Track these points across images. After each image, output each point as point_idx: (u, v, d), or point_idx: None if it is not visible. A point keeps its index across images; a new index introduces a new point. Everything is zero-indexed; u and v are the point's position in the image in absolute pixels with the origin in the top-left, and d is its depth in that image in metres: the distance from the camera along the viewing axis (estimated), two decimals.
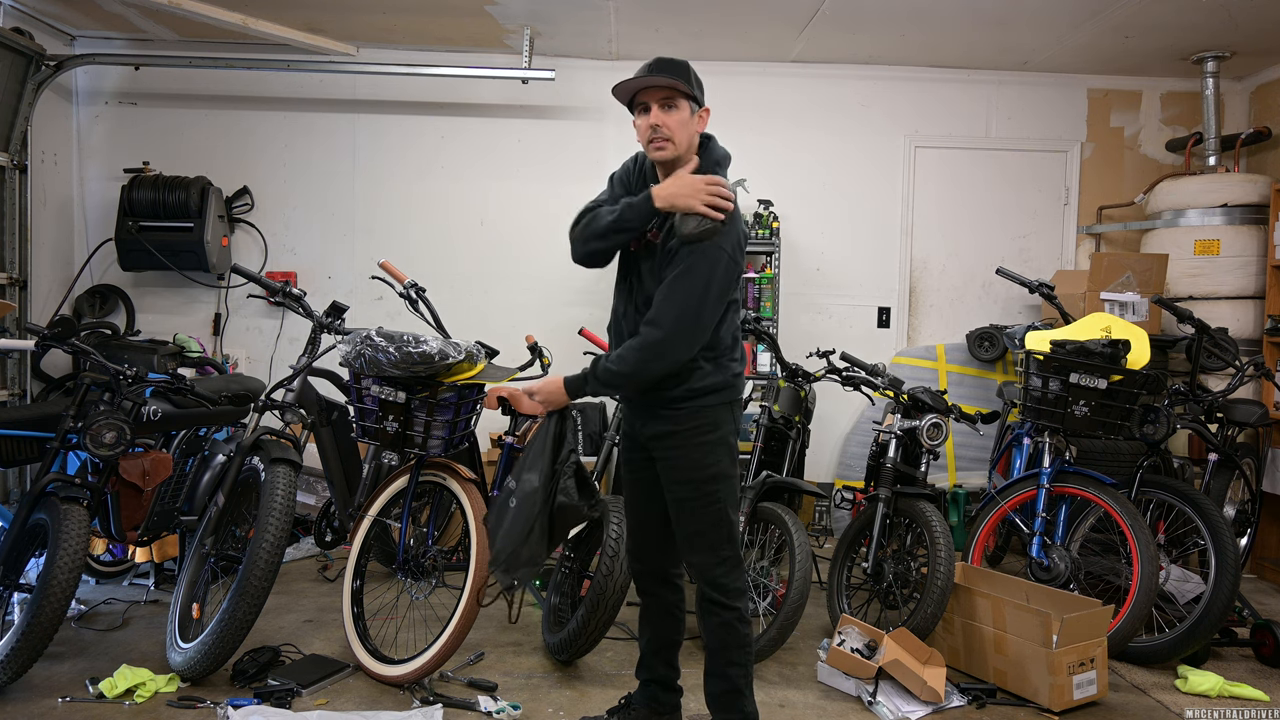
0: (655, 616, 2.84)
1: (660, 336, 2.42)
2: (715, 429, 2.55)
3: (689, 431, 2.54)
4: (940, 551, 3.43)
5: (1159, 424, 3.82)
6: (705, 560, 2.58)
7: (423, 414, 3.31)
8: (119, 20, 5.21)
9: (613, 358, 2.49)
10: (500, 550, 2.53)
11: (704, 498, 2.55)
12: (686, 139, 2.48)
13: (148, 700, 3.03)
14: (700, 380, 2.52)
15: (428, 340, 3.22)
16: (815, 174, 5.76)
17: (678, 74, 2.45)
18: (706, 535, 2.57)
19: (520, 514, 2.52)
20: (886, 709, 3.08)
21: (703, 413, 2.54)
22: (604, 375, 2.49)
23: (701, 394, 2.53)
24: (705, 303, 2.42)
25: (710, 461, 2.54)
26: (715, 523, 2.56)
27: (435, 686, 3.19)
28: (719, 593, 2.58)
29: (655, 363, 2.44)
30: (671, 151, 2.47)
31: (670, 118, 2.44)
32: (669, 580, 2.82)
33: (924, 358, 5.67)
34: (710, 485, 2.55)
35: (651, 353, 2.43)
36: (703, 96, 2.54)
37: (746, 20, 4.99)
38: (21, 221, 4.95)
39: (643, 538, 2.80)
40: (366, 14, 5.04)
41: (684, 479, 2.56)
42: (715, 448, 2.55)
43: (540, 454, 2.57)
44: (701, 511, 2.56)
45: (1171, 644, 3.50)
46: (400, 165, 5.70)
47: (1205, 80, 5.32)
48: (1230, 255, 5.05)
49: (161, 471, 3.49)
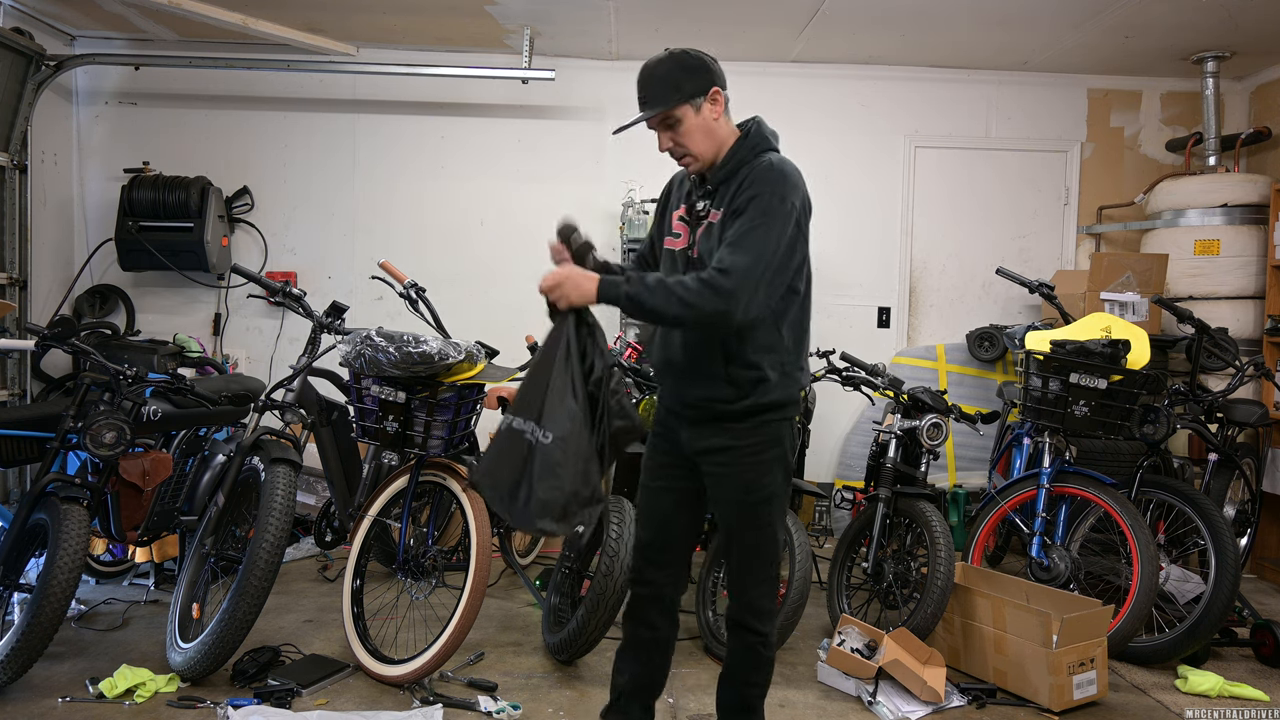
0: (645, 652, 2.55)
1: (729, 284, 2.14)
2: (776, 445, 2.36)
3: (749, 448, 2.34)
4: (940, 551, 3.43)
5: (1159, 424, 3.82)
6: (748, 582, 2.42)
7: (423, 414, 3.31)
8: (119, 20, 5.21)
9: (653, 283, 2.19)
10: (548, 501, 2.16)
11: (755, 519, 2.37)
12: (706, 140, 2.32)
13: (148, 700, 3.03)
14: (766, 394, 2.31)
15: (428, 340, 3.22)
16: (815, 174, 5.64)
17: (662, 93, 2.28)
18: (753, 557, 2.40)
19: (570, 455, 2.17)
20: (886, 709, 3.08)
21: (765, 428, 2.34)
22: (640, 298, 2.18)
23: (767, 410, 2.33)
24: (775, 260, 2.19)
25: (767, 481, 2.36)
26: (760, 545, 2.39)
27: (435, 686, 3.19)
28: (752, 615, 2.43)
29: (711, 307, 2.14)
30: (698, 164, 2.35)
31: (678, 135, 2.32)
32: (670, 612, 2.57)
33: (924, 358, 5.67)
34: (764, 506, 2.37)
35: (713, 295, 2.14)
36: (704, 79, 2.30)
37: (746, 20, 4.99)
38: (21, 221, 4.95)
39: (657, 557, 2.52)
40: (366, 14, 5.04)
41: (737, 498, 2.37)
42: (774, 466, 2.36)
43: (564, 375, 2.21)
44: (749, 534, 2.39)
45: (1171, 644, 3.50)
46: (400, 165, 5.70)
47: (1205, 80, 5.32)
48: (1230, 255, 5.05)
49: (161, 471, 3.49)
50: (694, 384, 2.37)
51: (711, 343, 2.31)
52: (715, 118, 2.33)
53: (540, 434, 2.19)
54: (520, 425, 2.22)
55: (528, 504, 2.18)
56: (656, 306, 2.17)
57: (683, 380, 2.39)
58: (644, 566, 2.54)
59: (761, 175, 2.27)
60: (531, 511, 2.18)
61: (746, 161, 2.32)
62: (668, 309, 2.17)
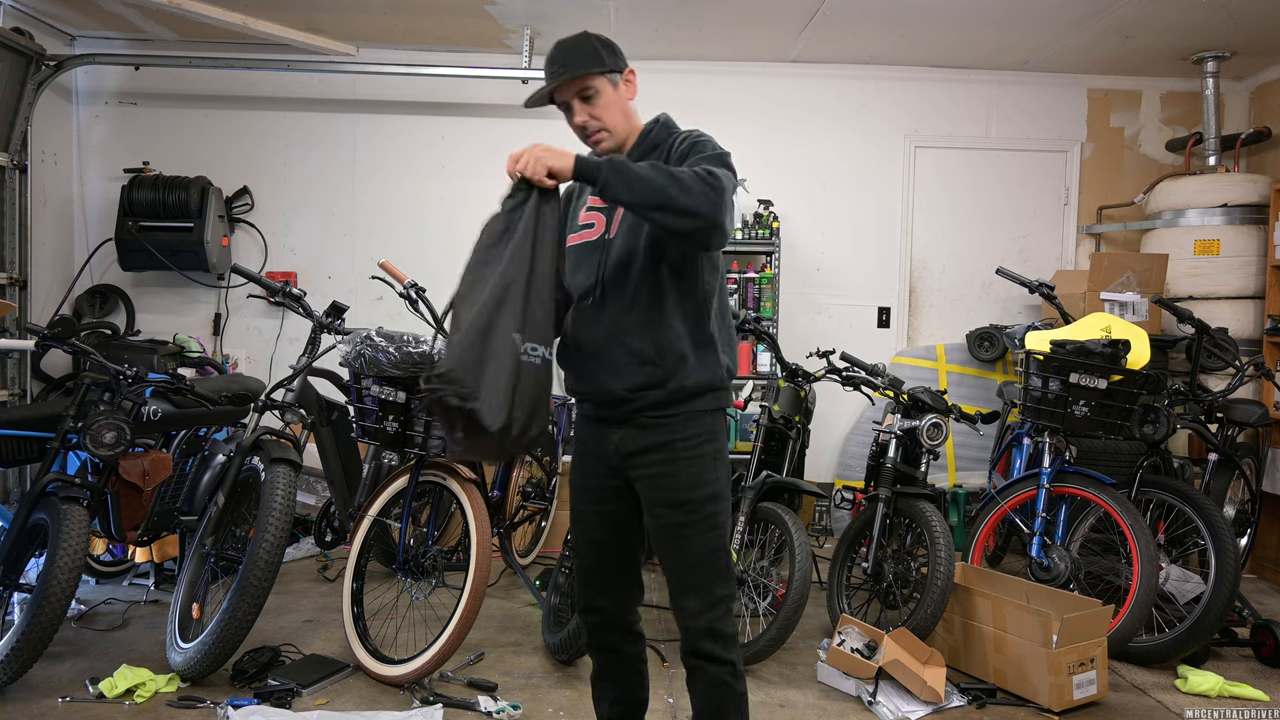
0: (619, 675, 2.35)
1: (720, 185, 1.92)
2: (713, 439, 2.18)
3: (685, 442, 2.13)
4: (940, 551, 3.43)
5: (1159, 424, 3.82)
6: (698, 603, 2.13)
7: (423, 414, 3.31)
8: (119, 20, 5.21)
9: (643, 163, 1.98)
10: (542, 430, 1.99)
11: (702, 522, 2.14)
12: (620, 117, 2.18)
13: (148, 700, 3.03)
14: (687, 376, 2.11)
15: (428, 340, 3.22)
16: (815, 174, 5.76)
17: (582, 58, 2.15)
18: (702, 569, 2.14)
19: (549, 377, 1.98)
20: (886, 709, 3.08)
21: (698, 419, 2.15)
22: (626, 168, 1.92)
23: (692, 395, 2.13)
24: (732, 181, 1.98)
25: (709, 478, 2.15)
26: (712, 552, 2.15)
27: (435, 686, 3.19)
28: (714, 642, 2.12)
29: (707, 207, 1.89)
30: (611, 139, 2.18)
31: (594, 108, 2.15)
32: (631, 630, 2.35)
33: (924, 358, 5.67)
34: (710, 506, 2.14)
35: (711, 193, 1.90)
36: (620, 58, 2.21)
37: (746, 20, 4.99)
38: (21, 221, 4.95)
39: (602, 582, 2.30)
40: (366, 14, 5.04)
41: (680, 500, 2.13)
42: (714, 462, 2.17)
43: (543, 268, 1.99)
44: (699, 538, 2.14)
45: (1171, 644, 3.50)
46: (400, 165, 5.70)
47: (1205, 80, 5.32)
48: (1230, 255, 5.05)
49: (161, 471, 3.49)
50: (617, 365, 2.13)
51: (633, 315, 2.11)
52: (630, 98, 2.22)
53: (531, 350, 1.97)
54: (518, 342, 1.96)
55: (524, 434, 1.96)
56: (650, 178, 1.90)
57: (603, 364, 2.15)
58: (591, 595, 2.32)
59: (691, 134, 2.15)
60: (527, 440, 1.99)
61: (662, 140, 2.19)
62: (666, 186, 1.89)
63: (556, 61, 2.16)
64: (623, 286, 2.14)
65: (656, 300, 2.12)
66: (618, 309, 2.14)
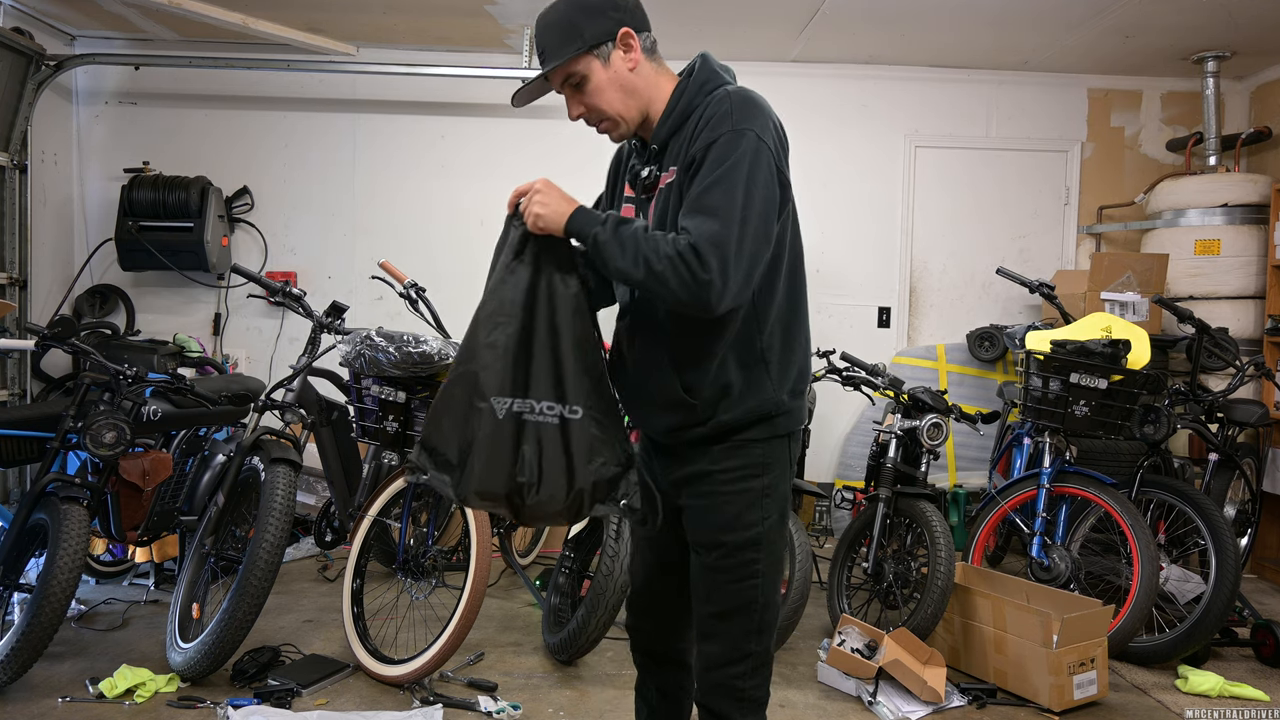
0: (655, 699, 2.15)
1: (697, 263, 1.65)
2: (763, 472, 1.84)
3: (726, 475, 1.83)
4: (940, 551, 3.43)
5: (1159, 424, 3.82)
6: (721, 652, 1.85)
7: (423, 414, 3.31)
8: (119, 20, 5.21)
9: (627, 235, 1.70)
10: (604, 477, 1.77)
11: (736, 569, 1.84)
12: (623, 98, 1.84)
13: (148, 700, 3.03)
14: (729, 409, 1.80)
15: (428, 340, 3.22)
16: (815, 174, 5.76)
17: (559, 40, 1.81)
18: (731, 620, 1.85)
19: (610, 419, 1.79)
20: (886, 709, 3.08)
21: (745, 450, 1.83)
22: (606, 250, 1.70)
23: (733, 430, 1.82)
24: (751, 217, 1.68)
25: (751, 519, 1.83)
26: (746, 605, 1.84)
27: (435, 686, 3.19)
28: (731, 703, 1.84)
29: (679, 288, 1.66)
30: (624, 128, 1.87)
31: (586, 96, 1.84)
32: (679, 660, 2.12)
33: (924, 358, 5.67)
34: (747, 552, 1.83)
35: (685, 273, 1.64)
36: (609, 19, 1.81)
37: (746, 20, 4.99)
38: (21, 221, 4.95)
39: (644, 604, 2.12)
40: (366, 14, 5.04)
41: (714, 541, 1.84)
42: (760, 499, 1.83)
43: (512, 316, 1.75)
44: (729, 588, 1.84)
45: (1172, 644, 3.50)
46: (400, 165, 5.70)
47: (1205, 80, 5.31)
48: (1231, 255, 5.04)
49: (161, 471, 3.49)
50: (651, 404, 1.89)
51: (662, 346, 1.84)
52: (631, 67, 1.83)
53: (561, 410, 1.74)
54: (519, 407, 1.73)
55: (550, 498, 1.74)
56: (626, 270, 1.69)
57: (639, 398, 1.92)
58: (634, 612, 2.14)
59: (717, 110, 1.78)
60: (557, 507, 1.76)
61: (696, 105, 1.83)
62: (644, 280, 1.68)
63: (538, 47, 1.86)
64: (650, 312, 1.86)
65: (689, 325, 1.80)
66: (647, 340, 1.88)
